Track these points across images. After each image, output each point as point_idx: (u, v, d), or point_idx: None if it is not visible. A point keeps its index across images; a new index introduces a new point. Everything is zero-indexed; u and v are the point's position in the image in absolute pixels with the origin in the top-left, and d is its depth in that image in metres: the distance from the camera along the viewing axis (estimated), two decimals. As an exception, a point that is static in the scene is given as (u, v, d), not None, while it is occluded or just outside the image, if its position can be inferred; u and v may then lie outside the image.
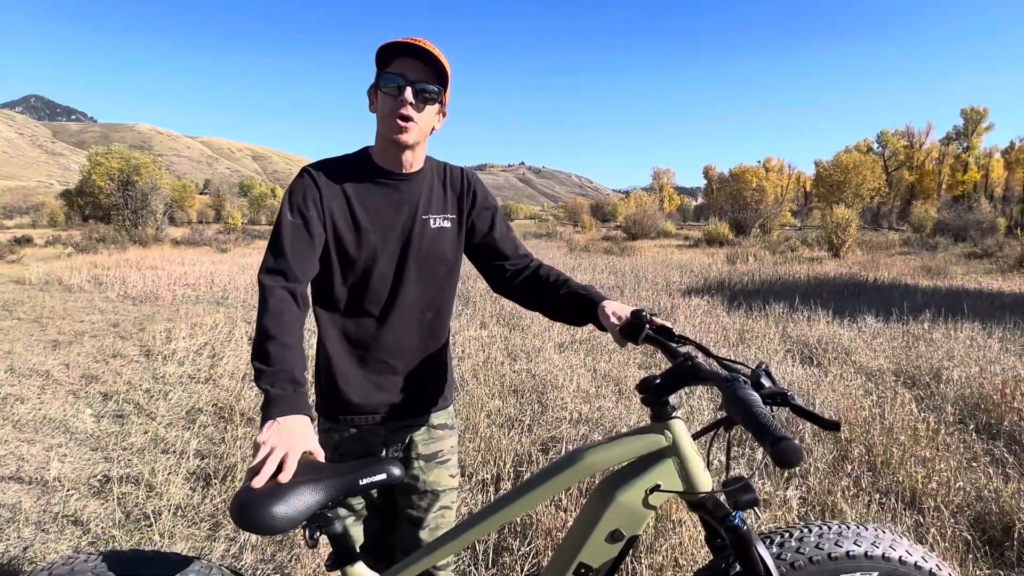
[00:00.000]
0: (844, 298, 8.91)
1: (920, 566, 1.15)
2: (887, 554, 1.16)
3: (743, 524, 1.07)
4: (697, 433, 1.21)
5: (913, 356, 5.19)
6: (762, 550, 1.07)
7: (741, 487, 1.10)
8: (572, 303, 1.49)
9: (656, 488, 1.11)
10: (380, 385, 1.48)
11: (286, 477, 1.03)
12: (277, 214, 1.40)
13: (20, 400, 4.31)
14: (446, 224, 1.50)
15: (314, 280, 1.43)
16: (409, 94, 1.32)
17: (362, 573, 1.14)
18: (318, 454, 1.14)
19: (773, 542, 1.19)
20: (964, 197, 58.21)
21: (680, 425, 1.14)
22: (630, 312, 1.37)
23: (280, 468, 1.05)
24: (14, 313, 7.79)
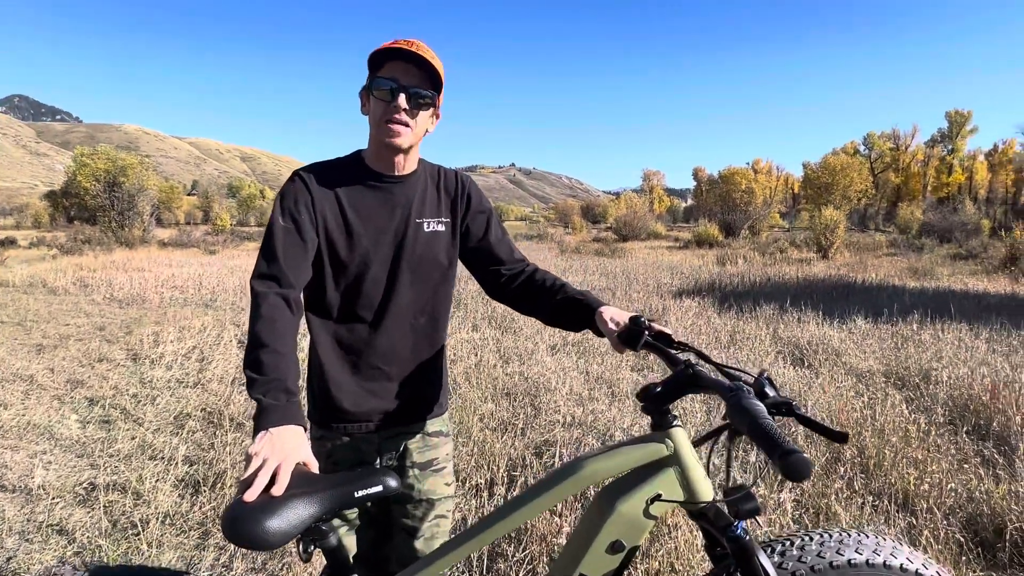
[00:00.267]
0: (833, 299, 8.98)
1: (921, 573, 1.15)
2: (888, 562, 1.15)
3: (745, 534, 1.06)
4: (697, 441, 1.20)
5: (902, 357, 5.23)
6: (764, 560, 1.06)
7: (743, 496, 1.09)
8: (569, 308, 1.48)
9: (657, 498, 1.10)
10: (374, 391, 1.45)
11: (279, 490, 1.01)
12: (269, 219, 1.37)
13: (3, 406, 4.22)
14: (440, 228, 1.48)
15: (306, 285, 1.41)
16: (402, 100, 1.30)
17: None
18: (312, 465, 1.11)
19: (774, 551, 1.18)
20: (949, 199, 59.00)
21: (681, 434, 1.12)
22: (628, 318, 1.36)
23: (273, 480, 1.02)
24: (-3, 316, 7.66)
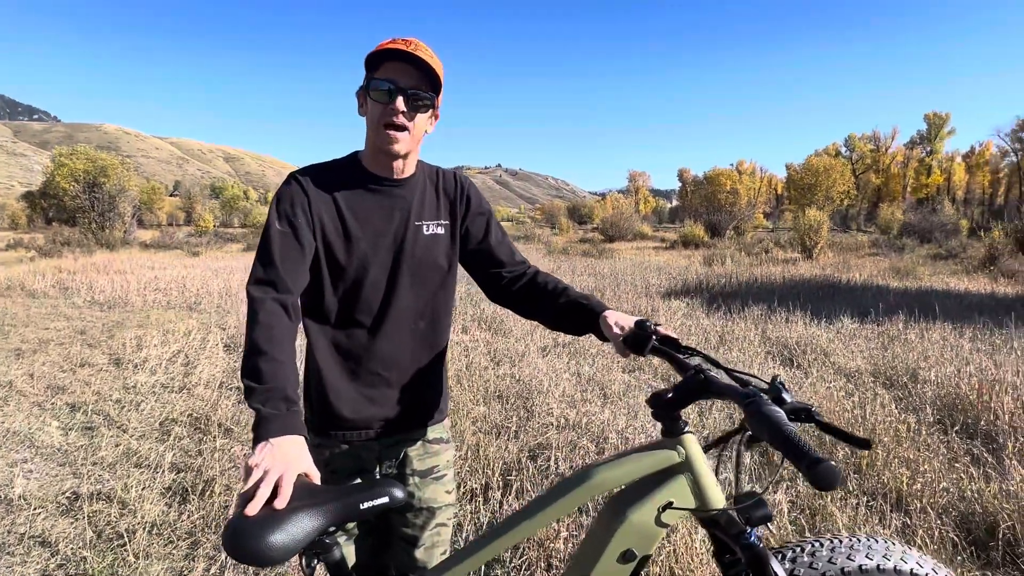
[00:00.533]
0: (820, 299, 9.07)
1: (931, 578, 1.14)
2: (899, 567, 1.15)
3: (759, 541, 1.05)
4: (706, 447, 1.18)
5: (889, 357, 5.29)
6: (777, 567, 1.04)
7: (754, 503, 1.07)
8: (572, 312, 1.46)
9: (669, 505, 1.08)
10: (373, 398, 1.42)
11: (282, 503, 0.97)
12: (265, 223, 1.34)
13: (-19, 413, 4.10)
14: (439, 230, 1.46)
15: (303, 291, 1.37)
16: (401, 102, 1.27)
17: None
18: (314, 476, 1.08)
19: (785, 557, 1.17)
20: (928, 200, 60.07)
21: (693, 440, 1.11)
22: (634, 323, 1.34)
23: (275, 493, 0.99)
24: (-27, 321, 7.46)
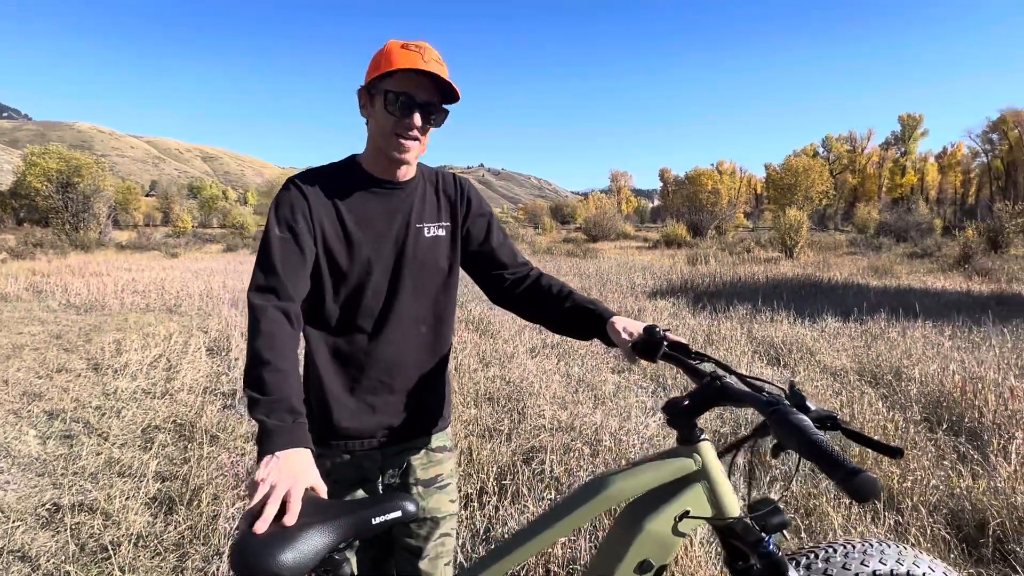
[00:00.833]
0: (802, 298, 9.19)
1: (944, 583, 1.14)
2: (911, 572, 1.15)
3: (777, 550, 1.04)
4: (719, 453, 1.17)
5: (873, 355, 5.37)
6: (794, 575, 1.03)
7: (771, 510, 1.06)
8: (578, 316, 1.45)
9: (686, 514, 1.06)
10: (375, 406, 1.39)
11: (292, 519, 0.93)
12: (264, 229, 1.30)
13: (-47, 422, 3.96)
14: (441, 232, 1.44)
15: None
16: (417, 118, 1.26)
17: None
18: (321, 490, 1.04)
19: (799, 564, 1.16)
20: (903, 199, 61.39)
21: (709, 448, 1.09)
22: (643, 328, 1.33)
23: (283, 509, 0.95)
24: (-57, 325, 7.22)
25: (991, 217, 19.98)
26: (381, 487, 1.42)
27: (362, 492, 1.38)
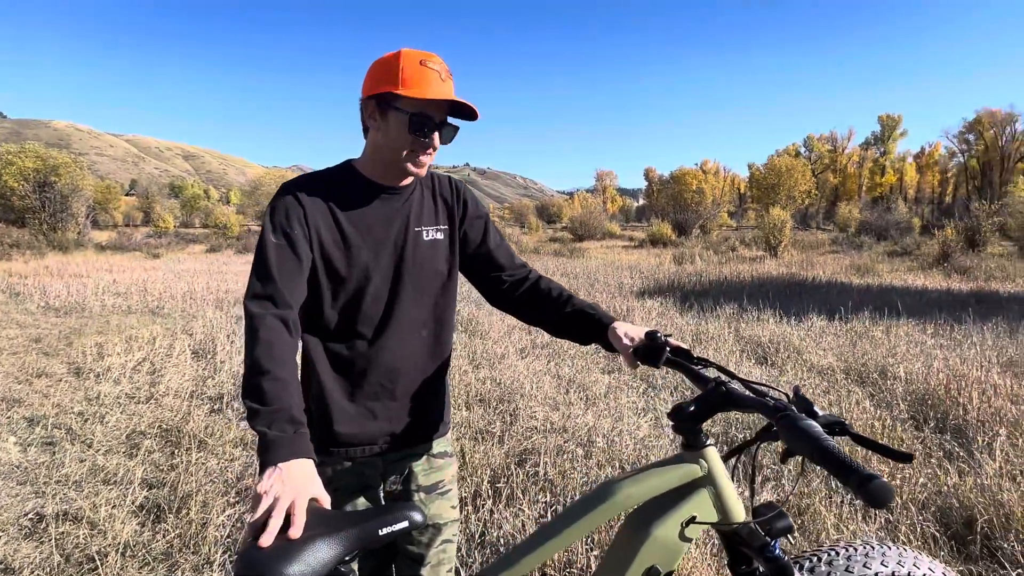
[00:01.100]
0: (788, 297, 9.29)
1: (944, 584, 1.15)
2: (912, 573, 1.16)
3: (784, 554, 1.04)
4: (723, 457, 1.17)
5: (859, 354, 5.44)
6: (800, 579, 1.04)
7: (775, 515, 1.06)
8: (578, 321, 1.45)
9: (692, 520, 1.06)
10: (376, 412, 1.37)
11: (297, 532, 0.92)
12: (259, 236, 1.28)
13: (-71, 430, 3.85)
14: (439, 236, 1.43)
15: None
16: (436, 139, 1.28)
17: None
18: (324, 501, 1.02)
19: (803, 567, 1.17)
20: (883, 198, 62.44)
21: (714, 453, 1.09)
22: (644, 334, 1.33)
23: (287, 521, 0.93)
24: (-84, 329, 7.02)
25: (968, 216, 20.40)
26: (383, 494, 1.40)
27: (363, 499, 1.36)
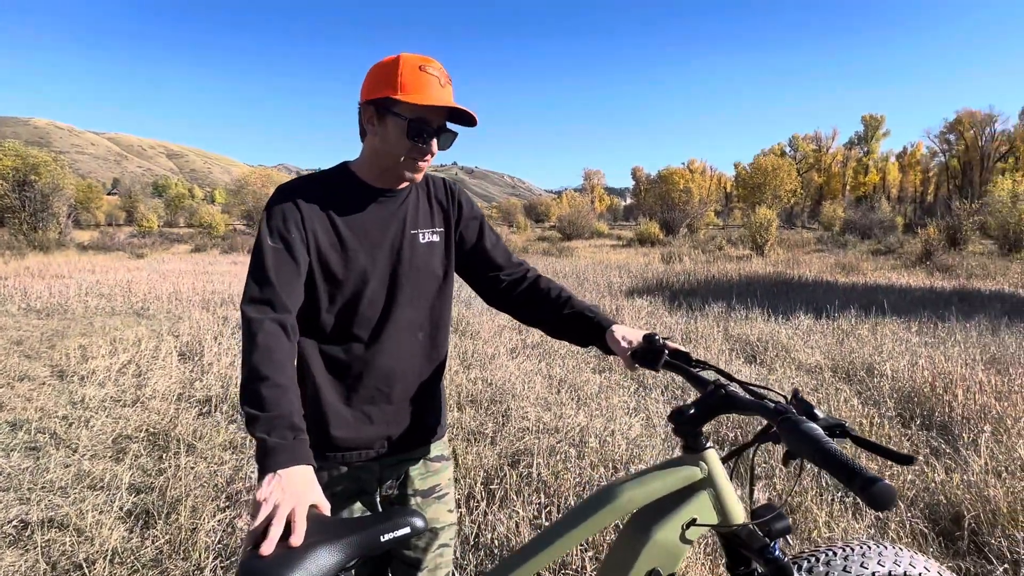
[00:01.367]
0: (775, 296, 9.38)
1: (940, 583, 1.17)
2: (908, 572, 1.17)
3: (783, 555, 1.05)
4: (722, 459, 1.17)
5: (846, 352, 5.50)
6: (800, 580, 1.04)
7: (774, 516, 1.07)
8: (577, 323, 1.45)
9: (692, 522, 1.06)
10: (373, 417, 1.36)
11: (298, 539, 0.90)
12: (255, 240, 1.26)
13: (-92, 435, 3.76)
14: (435, 238, 1.43)
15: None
16: (435, 145, 1.28)
17: None
18: (324, 507, 1.01)
19: (801, 568, 1.17)
20: (866, 198, 63.26)
21: (714, 456, 1.10)
22: (642, 336, 1.33)
23: (288, 529, 0.92)
24: None
25: (950, 215, 20.73)
26: (379, 499, 1.39)
27: (360, 504, 1.35)
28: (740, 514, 1.10)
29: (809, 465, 3.05)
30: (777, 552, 1.04)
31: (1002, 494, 2.59)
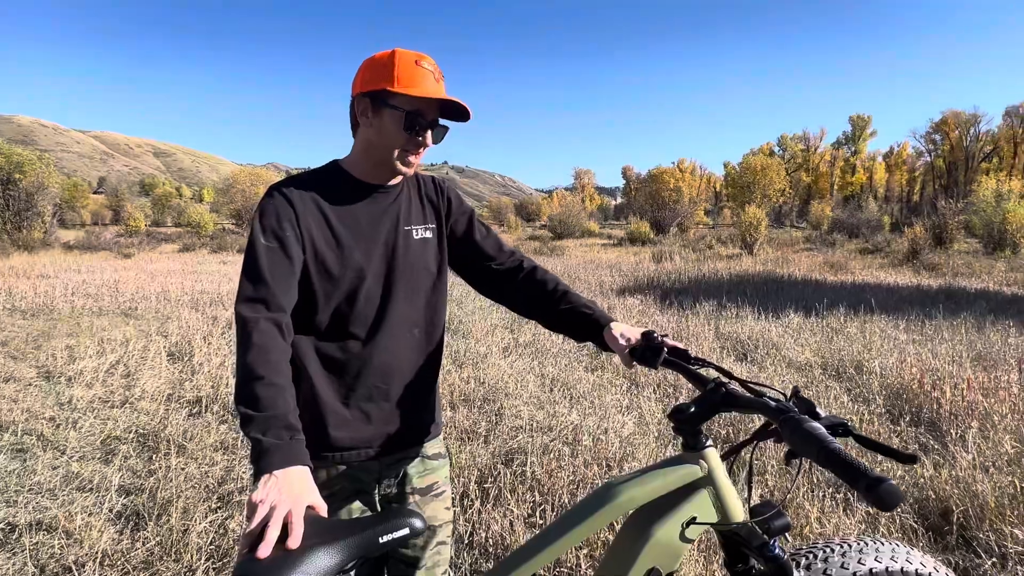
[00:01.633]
0: (765, 294, 9.44)
1: (934, 577, 1.18)
2: (904, 568, 1.18)
3: (783, 552, 1.05)
4: (721, 457, 1.17)
5: (835, 349, 5.55)
6: (798, 576, 1.05)
7: (774, 514, 1.07)
8: (574, 319, 1.45)
9: (692, 521, 1.06)
10: (371, 415, 1.35)
11: (295, 542, 0.89)
12: (248, 239, 1.25)
13: None
14: (428, 234, 1.43)
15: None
16: (429, 137, 1.30)
17: None
18: (321, 509, 1.00)
19: (800, 564, 1.18)
20: (853, 197, 63.90)
21: (714, 454, 1.10)
22: (640, 334, 1.33)
23: (284, 531, 0.91)
24: None
25: (935, 214, 20.98)
26: (377, 498, 1.38)
27: (358, 504, 1.34)
28: (739, 512, 1.10)
29: (806, 463, 3.07)
30: (776, 550, 1.05)
31: (989, 489, 2.62)
